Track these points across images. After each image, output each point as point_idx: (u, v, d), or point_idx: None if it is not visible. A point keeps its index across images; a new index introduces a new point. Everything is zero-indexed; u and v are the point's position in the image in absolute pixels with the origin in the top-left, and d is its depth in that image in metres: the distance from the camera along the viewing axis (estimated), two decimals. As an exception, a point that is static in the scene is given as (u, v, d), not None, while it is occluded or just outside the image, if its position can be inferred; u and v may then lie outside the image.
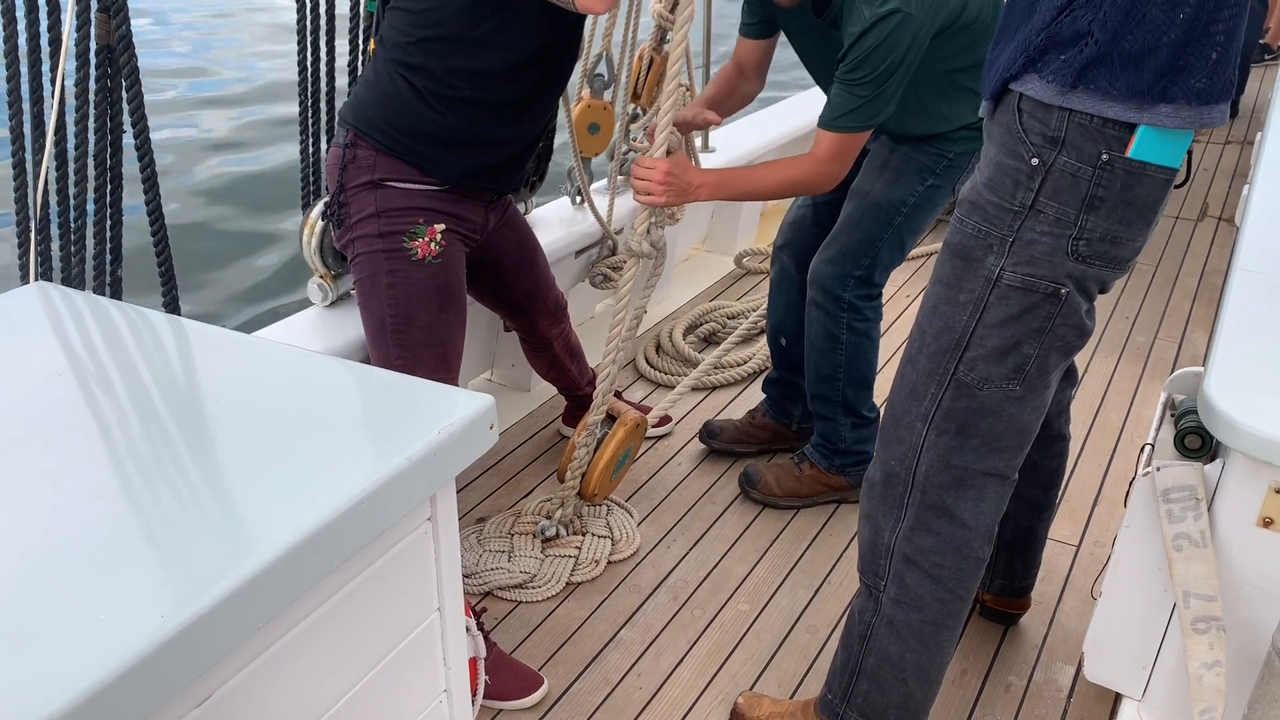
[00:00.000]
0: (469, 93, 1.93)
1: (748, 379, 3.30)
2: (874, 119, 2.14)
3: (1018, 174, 1.49)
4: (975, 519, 1.65)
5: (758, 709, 1.97)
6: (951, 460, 1.62)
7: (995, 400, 1.59)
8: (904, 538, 1.68)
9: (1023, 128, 1.48)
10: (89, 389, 1.18)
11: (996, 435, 1.61)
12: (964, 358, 1.58)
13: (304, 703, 1.03)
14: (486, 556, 2.43)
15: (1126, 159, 1.44)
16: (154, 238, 1.94)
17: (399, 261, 1.97)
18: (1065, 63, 1.41)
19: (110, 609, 0.82)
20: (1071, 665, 2.18)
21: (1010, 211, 1.50)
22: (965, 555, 1.66)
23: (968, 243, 1.56)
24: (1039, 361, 1.57)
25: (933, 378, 1.61)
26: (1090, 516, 2.66)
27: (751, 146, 4.03)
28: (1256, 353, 1.73)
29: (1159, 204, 1.50)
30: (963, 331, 1.57)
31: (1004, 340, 1.55)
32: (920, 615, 1.69)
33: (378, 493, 1.00)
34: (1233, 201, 4.79)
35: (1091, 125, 1.43)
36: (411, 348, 2.01)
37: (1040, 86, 1.45)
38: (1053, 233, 1.49)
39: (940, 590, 1.68)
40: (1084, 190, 1.46)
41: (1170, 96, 1.40)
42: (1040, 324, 1.54)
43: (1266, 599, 1.65)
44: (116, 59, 1.82)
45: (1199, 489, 1.68)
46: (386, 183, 1.95)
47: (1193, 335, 3.63)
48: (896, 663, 1.73)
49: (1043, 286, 1.52)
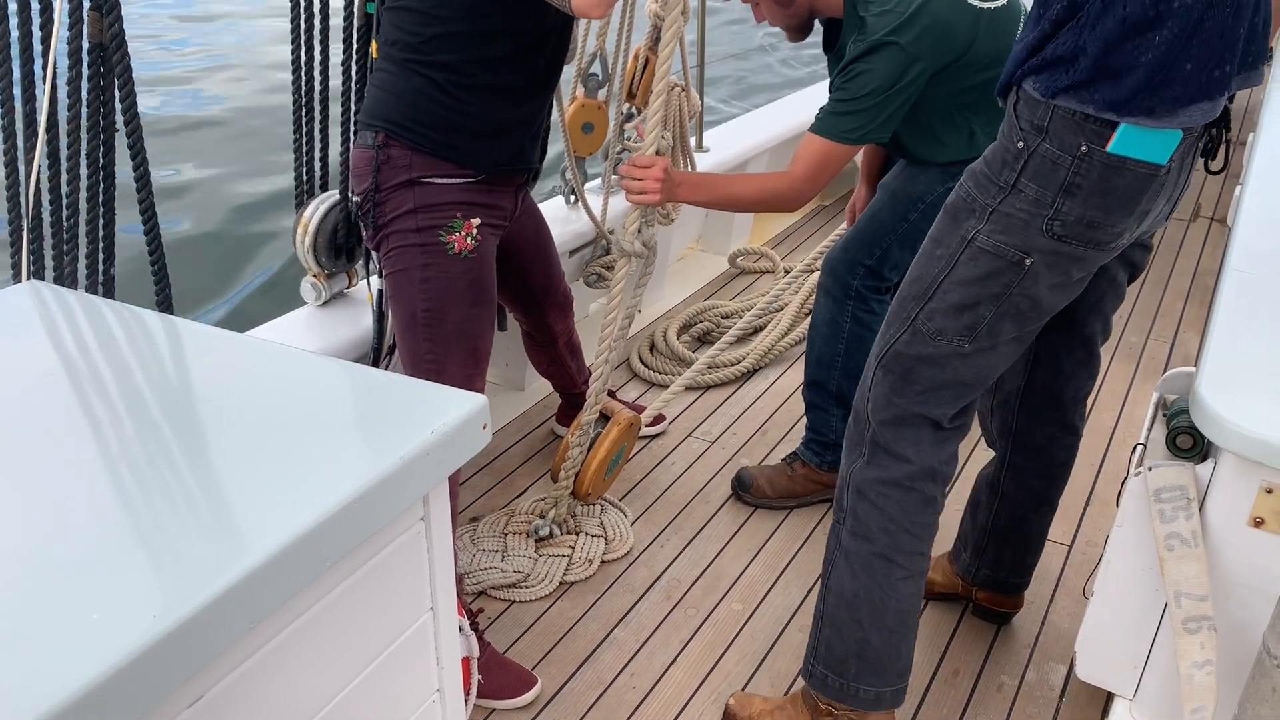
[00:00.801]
0: (489, 79, 1.94)
1: (741, 379, 3.30)
2: (854, 134, 2.14)
3: (1007, 154, 1.59)
4: (917, 455, 1.75)
5: (749, 708, 1.98)
6: (893, 399, 1.74)
7: (943, 352, 1.69)
8: (858, 471, 1.79)
9: (1016, 114, 1.59)
10: (81, 389, 1.18)
11: (938, 384, 1.72)
12: (926, 307, 1.69)
13: (297, 702, 1.03)
14: (480, 556, 2.43)
15: (1105, 153, 1.52)
16: (147, 236, 1.93)
17: (435, 255, 1.98)
18: (1052, 78, 1.52)
19: (102, 609, 0.82)
20: (1064, 665, 2.19)
21: (996, 185, 1.61)
22: (907, 488, 1.75)
23: (957, 204, 1.67)
24: (991, 324, 1.66)
25: (896, 319, 1.73)
26: (1082, 516, 2.67)
27: (746, 146, 4.04)
28: (1248, 353, 1.73)
29: (1142, 195, 1.56)
30: (931, 282, 1.68)
31: (964, 298, 1.65)
32: (870, 546, 1.77)
33: (370, 492, 1.00)
34: (1225, 202, 4.80)
35: (1074, 119, 1.52)
36: (443, 342, 2.02)
37: (1031, 88, 1.56)
38: (1030, 210, 1.58)
39: (886, 520, 1.76)
40: (1062, 177, 1.55)
41: (1150, 108, 1.49)
42: (1000, 289, 1.63)
43: (1257, 598, 1.66)
44: (109, 57, 1.81)
45: (1190, 489, 1.69)
46: (424, 179, 1.97)
47: (1185, 336, 3.64)
48: (850, 600, 1.79)
49: (1010, 254, 1.61)
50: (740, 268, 4.08)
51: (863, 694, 1.82)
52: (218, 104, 7.75)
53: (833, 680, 1.83)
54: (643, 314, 3.69)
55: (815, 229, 4.55)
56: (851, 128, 2.14)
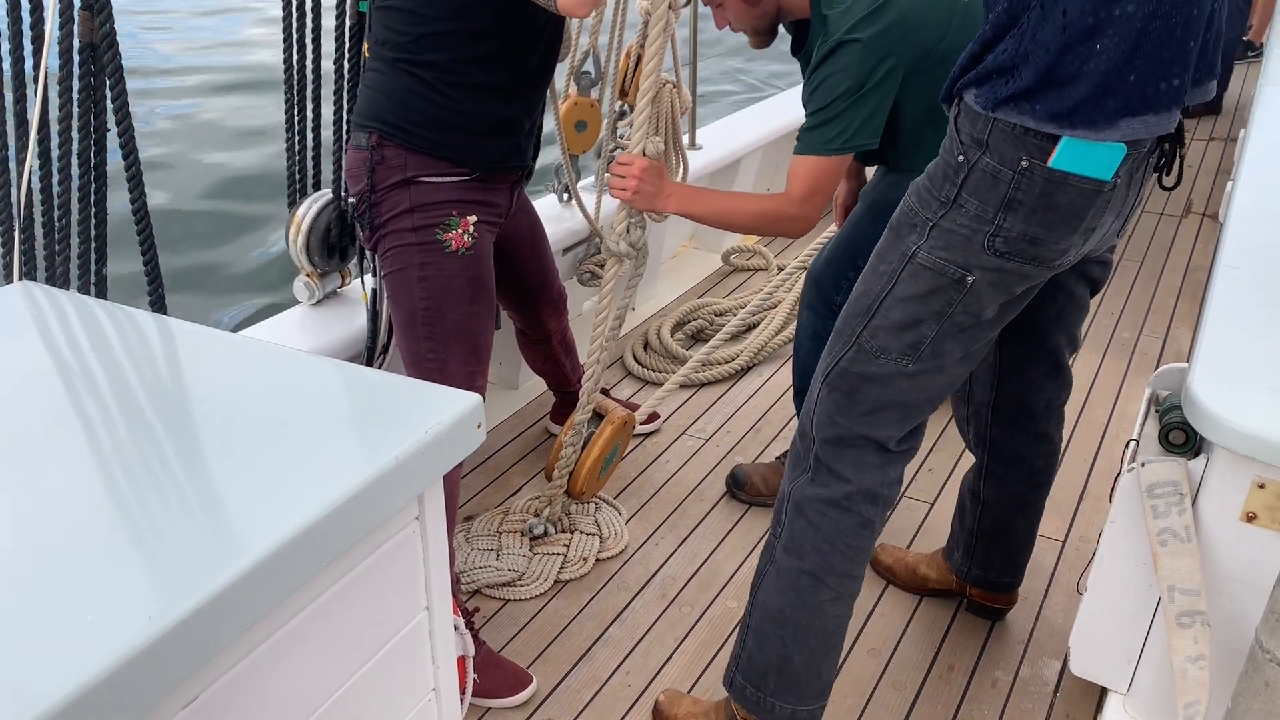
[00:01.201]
0: (480, 77, 1.94)
1: (735, 376, 3.30)
2: (836, 143, 2.07)
3: (948, 168, 1.56)
4: (857, 477, 1.71)
5: (677, 707, 1.99)
6: (836, 418, 1.71)
7: (887, 371, 1.66)
8: (800, 487, 1.76)
9: (956, 127, 1.56)
10: (74, 389, 1.18)
11: (882, 405, 1.68)
12: (869, 325, 1.66)
13: (293, 702, 1.03)
14: (475, 555, 2.43)
15: (1047, 168, 1.48)
16: (139, 236, 1.93)
17: (432, 254, 1.98)
18: (993, 87, 1.49)
19: (97, 610, 0.82)
20: (1058, 660, 2.20)
21: (936, 200, 1.58)
22: (845, 509, 1.71)
23: (900, 219, 1.64)
24: (934, 343, 1.63)
25: (841, 336, 1.70)
26: (1076, 512, 2.67)
27: (739, 143, 4.04)
28: (1240, 349, 1.74)
29: (1086, 211, 1.53)
30: (874, 299, 1.65)
31: (906, 315, 1.62)
32: (800, 563, 1.74)
33: (365, 492, 1.00)
34: (1216, 198, 4.82)
35: (1014, 133, 1.49)
36: (443, 340, 2.02)
37: (972, 100, 1.52)
38: (971, 226, 1.55)
39: (819, 539, 1.72)
40: (1003, 192, 1.51)
41: (1092, 120, 1.45)
42: (941, 307, 1.60)
43: (1250, 593, 1.66)
44: (100, 56, 1.81)
45: (1183, 484, 1.69)
46: (419, 179, 1.97)
47: (1177, 331, 3.65)
48: (775, 615, 1.77)
49: (951, 272, 1.58)
50: (733, 265, 4.09)
51: (778, 710, 1.79)
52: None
53: (751, 693, 1.81)
54: (636, 312, 3.69)
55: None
56: (831, 137, 2.06)
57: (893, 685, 2.14)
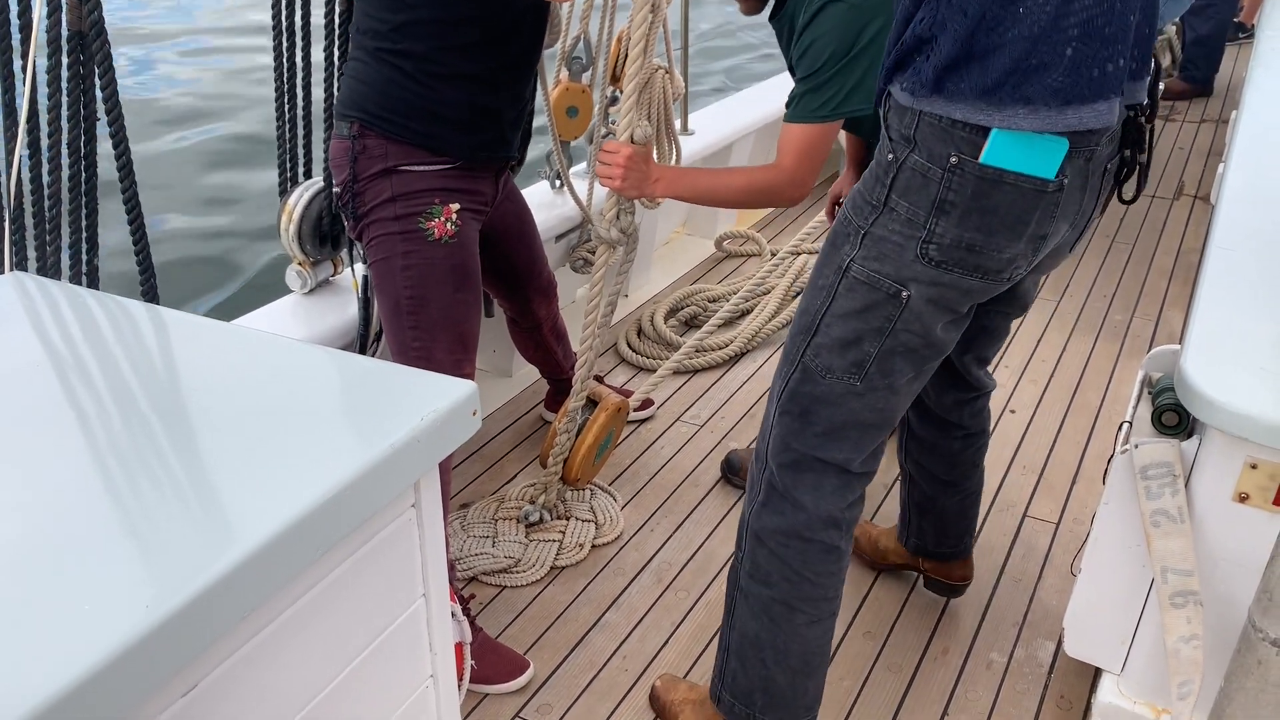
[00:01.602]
0: (461, 66, 1.93)
1: (729, 362, 3.30)
2: (826, 109, 2.00)
3: (879, 168, 1.48)
4: (814, 504, 1.64)
5: (673, 692, 1.99)
6: (791, 443, 1.63)
7: (836, 391, 1.57)
8: (755, 513, 1.69)
9: (886, 124, 1.47)
10: (67, 380, 1.17)
11: (837, 425, 1.59)
12: (812, 343, 1.58)
13: (290, 690, 1.03)
14: (470, 542, 2.44)
15: (978, 164, 1.38)
16: (131, 226, 1.92)
17: (415, 242, 1.98)
18: (915, 69, 1.39)
19: (94, 600, 0.82)
20: (1052, 641, 2.21)
21: (869, 205, 1.49)
22: (807, 539, 1.65)
23: (837, 229, 1.56)
24: (879, 361, 1.54)
25: (788, 357, 1.63)
26: (1069, 494, 2.68)
27: (731, 128, 4.03)
28: (1233, 330, 1.75)
29: (1030, 215, 1.42)
30: (814, 316, 1.57)
31: (846, 332, 1.54)
32: (770, 592, 1.69)
33: (361, 480, 1.00)
34: (1208, 180, 4.82)
35: (940, 125, 1.39)
36: (428, 328, 2.01)
37: (899, 91, 1.43)
38: (903, 232, 1.46)
39: (787, 570, 1.67)
40: (934, 192, 1.41)
41: (1025, 96, 1.32)
42: (880, 324, 1.51)
43: (1242, 573, 1.67)
44: (89, 45, 1.80)
45: (1176, 465, 1.70)
46: (400, 168, 1.96)
47: (1169, 314, 3.66)
48: (754, 640, 1.73)
49: (885, 285, 1.49)
50: (727, 251, 4.08)
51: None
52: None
53: (740, 709, 1.78)
54: (629, 298, 3.69)
55: (801, 211, 4.55)
56: (821, 103, 1.99)
57: (888, 668, 2.15)
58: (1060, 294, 3.77)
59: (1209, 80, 6.02)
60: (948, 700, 2.07)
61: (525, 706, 2.04)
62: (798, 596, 1.68)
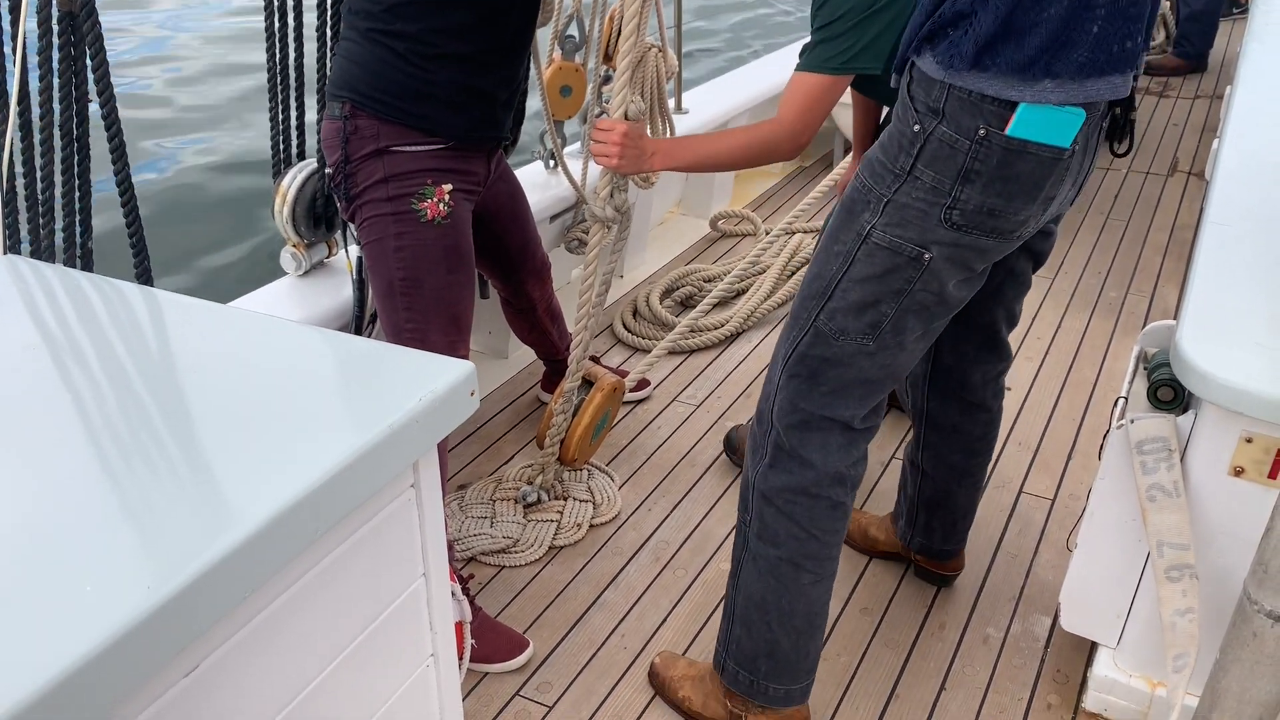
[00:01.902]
0: (453, 47, 1.92)
1: (724, 342, 3.30)
2: (836, 61, 1.95)
3: (902, 138, 1.51)
4: (823, 460, 1.69)
5: (672, 669, 2.01)
6: (799, 403, 1.68)
7: (848, 352, 1.63)
8: (762, 474, 1.73)
9: (910, 95, 1.51)
10: (63, 363, 1.17)
11: (844, 385, 1.65)
12: (826, 307, 1.62)
13: (292, 669, 1.03)
14: (469, 523, 2.44)
15: (1005, 136, 1.44)
16: (124, 208, 1.91)
17: (408, 224, 1.97)
18: (953, 43, 1.43)
19: (96, 582, 0.82)
20: (1048, 616, 2.22)
21: (891, 173, 1.53)
22: (815, 496, 1.70)
23: (853, 196, 1.59)
24: (894, 321, 1.60)
25: (798, 321, 1.66)
26: (1065, 470, 2.69)
27: (725, 106, 4.01)
28: (1227, 305, 1.75)
29: (1045, 180, 1.50)
30: (829, 281, 1.61)
31: (864, 296, 1.58)
32: (778, 551, 1.73)
33: (361, 460, 1.00)
34: (1202, 156, 4.82)
35: (970, 100, 1.44)
36: (422, 310, 2.01)
37: (928, 63, 1.47)
38: (927, 199, 1.51)
39: (794, 528, 1.72)
40: (960, 162, 1.47)
41: (1054, 71, 1.40)
42: (900, 286, 1.57)
43: (1238, 546, 1.68)
44: (79, 25, 1.78)
45: (1172, 440, 1.71)
46: (393, 148, 1.95)
47: (1164, 290, 3.67)
48: (759, 603, 1.77)
49: (907, 250, 1.54)
50: (721, 231, 4.08)
51: (772, 692, 1.82)
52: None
53: (743, 676, 1.83)
54: (625, 279, 3.69)
55: (796, 190, 4.55)
56: (832, 54, 1.95)
57: (885, 644, 2.16)
58: (1055, 271, 3.78)
59: (1203, 56, 6.00)
60: (945, 675, 2.09)
61: (525, 685, 2.05)
62: (803, 554, 1.73)
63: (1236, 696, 1.45)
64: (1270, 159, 2.37)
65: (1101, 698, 1.95)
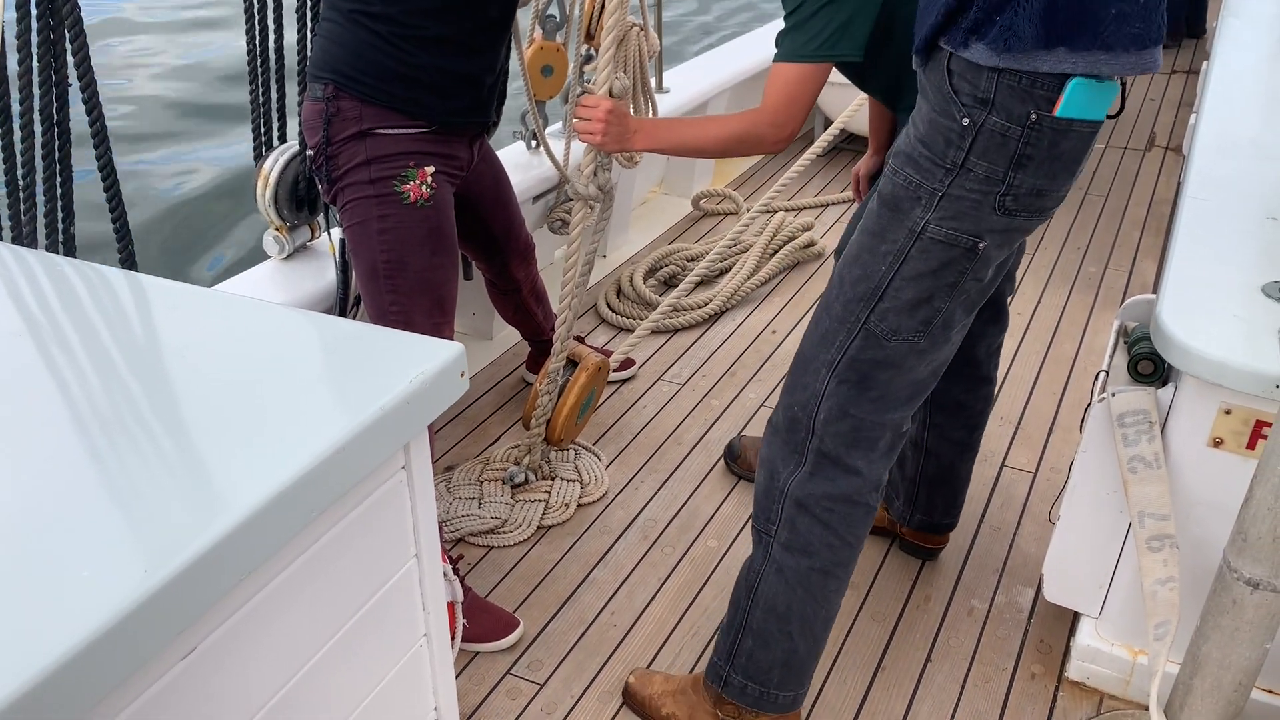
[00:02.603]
0: (434, 29, 1.91)
1: (708, 321, 3.31)
2: (810, 48, 1.88)
3: (949, 132, 1.49)
4: (868, 468, 1.67)
5: (649, 687, 1.96)
6: (849, 410, 1.64)
7: (900, 353, 1.60)
8: (799, 482, 1.68)
9: (953, 89, 1.48)
10: (48, 350, 1.17)
11: (895, 388, 1.63)
12: (877, 308, 1.59)
13: (288, 651, 1.04)
14: (457, 504, 2.45)
15: (1054, 118, 1.45)
16: (107, 193, 1.90)
17: (390, 206, 1.97)
18: (1004, 27, 1.41)
19: (92, 567, 0.82)
20: (1031, 588, 2.25)
21: (941, 168, 1.51)
22: (856, 503, 1.68)
23: (898, 193, 1.56)
24: (946, 316, 1.59)
25: (844, 325, 1.62)
26: (1046, 444, 2.72)
27: (707, 85, 4.01)
28: (1206, 279, 1.77)
29: (1084, 155, 1.52)
30: (879, 282, 1.58)
31: (919, 293, 1.57)
32: (809, 561, 1.70)
33: (352, 444, 1.01)
34: (1179, 131, 4.85)
35: (1020, 86, 1.43)
36: (406, 292, 2.01)
37: (979, 52, 1.44)
38: (981, 189, 1.50)
39: (830, 536, 1.69)
40: (1013, 149, 1.47)
41: (1109, 44, 1.41)
42: (954, 279, 1.56)
43: (1217, 515, 1.71)
44: (59, 9, 1.76)
45: (1152, 413, 1.73)
46: (375, 131, 1.95)
47: (1142, 264, 3.70)
48: (782, 614, 1.73)
49: (963, 241, 1.53)
50: (704, 210, 4.08)
51: (781, 700, 1.79)
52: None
53: (753, 689, 1.78)
54: (608, 259, 3.69)
55: (777, 168, 4.55)
56: (805, 41, 1.87)
57: (871, 617, 2.19)
58: (1035, 246, 3.80)
59: (1178, 21, 5.73)
60: (930, 647, 2.11)
61: (516, 664, 2.07)
62: (835, 562, 1.71)
63: (1217, 663, 1.48)
64: (1247, 133, 2.39)
65: (1084, 666, 1.98)
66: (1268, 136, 2.37)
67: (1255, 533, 1.36)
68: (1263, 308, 1.69)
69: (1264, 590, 1.38)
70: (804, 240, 3.67)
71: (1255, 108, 2.59)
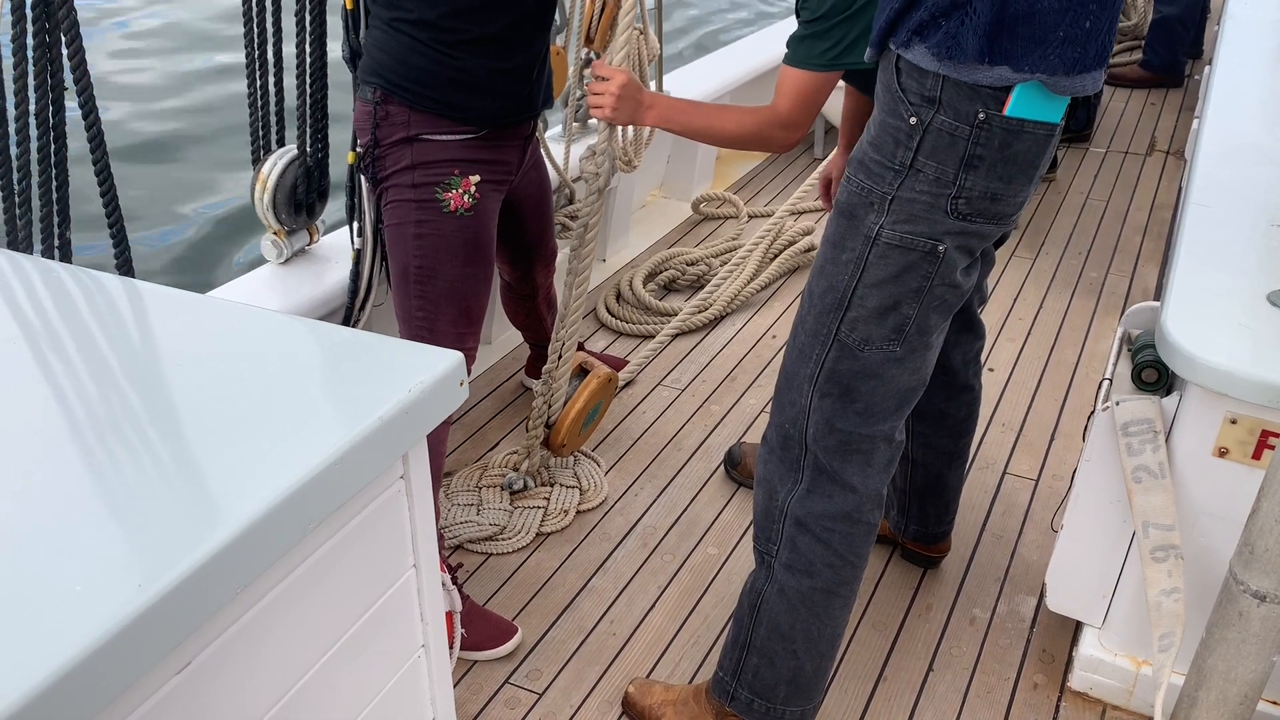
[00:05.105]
0: (477, 30, 1.91)
1: (709, 325, 3.30)
2: (824, 58, 1.93)
3: (898, 133, 1.48)
4: (864, 483, 1.65)
5: (649, 697, 1.94)
6: (836, 424, 1.62)
7: (876, 362, 1.58)
8: (798, 500, 1.67)
9: (901, 88, 1.47)
10: (43, 357, 1.15)
11: (879, 399, 1.60)
12: (845, 318, 1.57)
13: (284, 664, 1.03)
14: (455, 510, 2.43)
15: (1004, 117, 1.43)
16: (103, 198, 1.88)
17: (430, 212, 1.97)
18: (949, 34, 1.40)
19: (85, 581, 0.81)
20: (1033, 596, 2.24)
21: (891, 170, 1.50)
22: (855, 520, 1.66)
23: (852, 200, 1.55)
24: (918, 322, 1.56)
25: (817, 338, 1.60)
26: (1048, 451, 2.71)
27: (706, 88, 4.00)
28: (1211, 286, 1.76)
29: (1039, 159, 1.50)
30: (844, 291, 1.56)
31: (884, 300, 1.54)
32: (812, 581, 1.68)
33: (350, 454, 0.99)
34: (1180, 136, 4.84)
35: (967, 85, 1.42)
36: (434, 299, 2.01)
37: (919, 53, 1.43)
38: (932, 191, 1.48)
39: (831, 556, 1.67)
40: (962, 149, 1.45)
41: (1051, 68, 1.40)
42: (919, 284, 1.53)
43: (1222, 526, 1.70)
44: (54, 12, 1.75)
45: (1157, 422, 1.72)
46: (422, 137, 1.95)
47: (1143, 270, 3.69)
48: (786, 633, 1.71)
49: (920, 244, 1.51)
50: (703, 213, 4.07)
51: (789, 715, 1.77)
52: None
53: (759, 705, 1.77)
54: (607, 263, 3.68)
55: (777, 173, 4.54)
56: (820, 51, 1.92)
57: (873, 626, 2.17)
58: (1036, 252, 3.79)
59: (1169, 68, 5.51)
60: (932, 656, 2.10)
61: (515, 672, 2.05)
62: (838, 581, 1.68)
63: (1222, 675, 1.47)
64: (1250, 139, 2.38)
65: (1087, 677, 1.97)
66: (1270, 141, 2.36)
67: (1262, 545, 1.35)
68: (1268, 316, 1.68)
69: (1271, 603, 1.37)
70: (804, 245, 3.66)
71: (1257, 112, 2.58)
